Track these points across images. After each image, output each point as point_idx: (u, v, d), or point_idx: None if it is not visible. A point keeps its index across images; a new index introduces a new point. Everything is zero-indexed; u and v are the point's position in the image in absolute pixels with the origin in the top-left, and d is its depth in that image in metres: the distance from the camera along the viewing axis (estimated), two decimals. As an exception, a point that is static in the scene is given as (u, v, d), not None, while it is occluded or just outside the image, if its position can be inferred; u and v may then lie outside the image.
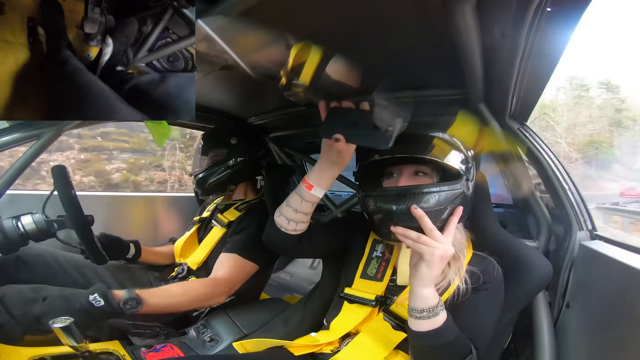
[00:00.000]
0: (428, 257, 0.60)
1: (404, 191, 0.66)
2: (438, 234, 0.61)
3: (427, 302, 0.61)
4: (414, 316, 0.62)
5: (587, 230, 0.90)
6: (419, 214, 0.61)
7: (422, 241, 0.61)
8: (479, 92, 0.75)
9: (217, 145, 1.23)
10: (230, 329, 0.96)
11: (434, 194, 0.65)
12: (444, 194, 0.65)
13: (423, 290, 0.61)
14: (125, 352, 0.80)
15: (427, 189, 0.65)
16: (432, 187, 0.66)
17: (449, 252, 0.62)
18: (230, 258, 1.07)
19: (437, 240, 0.61)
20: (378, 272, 0.78)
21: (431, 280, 0.62)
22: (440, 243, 0.61)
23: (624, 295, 0.65)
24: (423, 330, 0.61)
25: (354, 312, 0.76)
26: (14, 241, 0.90)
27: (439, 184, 0.67)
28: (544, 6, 0.46)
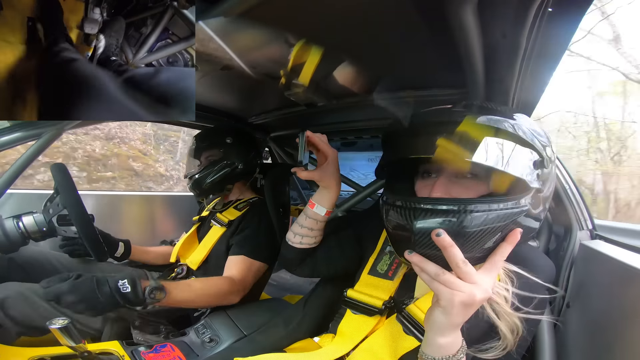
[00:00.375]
0: (445, 302, 0.44)
1: (427, 205, 0.47)
2: (470, 271, 0.44)
3: (441, 351, 0.48)
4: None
5: (587, 230, 0.90)
6: (444, 243, 0.43)
7: (441, 280, 0.44)
8: (480, 92, 0.75)
9: (212, 146, 1.24)
10: (230, 329, 0.96)
11: (479, 213, 0.45)
12: (494, 214, 0.46)
13: (437, 339, 0.48)
14: (124, 353, 0.79)
15: (468, 205, 0.46)
16: (476, 203, 0.46)
17: (480, 298, 0.44)
18: (239, 260, 1.08)
19: (467, 280, 0.44)
20: (389, 270, 0.69)
21: (450, 329, 0.47)
22: (469, 284, 0.44)
23: (624, 295, 0.65)
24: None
25: (360, 320, 0.69)
26: (14, 241, 0.90)
27: (490, 200, 0.47)
28: (545, 6, 0.46)
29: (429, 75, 0.84)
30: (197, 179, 1.21)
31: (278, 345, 0.86)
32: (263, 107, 1.34)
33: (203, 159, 1.25)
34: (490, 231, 0.46)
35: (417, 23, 0.57)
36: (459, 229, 0.45)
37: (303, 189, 2.07)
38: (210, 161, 1.22)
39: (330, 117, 1.29)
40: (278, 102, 1.24)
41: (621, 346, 0.62)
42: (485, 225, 0.46)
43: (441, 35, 0.57)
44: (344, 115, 1.23)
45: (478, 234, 0.46)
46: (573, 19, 0.50)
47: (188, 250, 1.25)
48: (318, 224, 0.77)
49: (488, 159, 0.46)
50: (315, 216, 0.76)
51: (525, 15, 0.47)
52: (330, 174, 0.71)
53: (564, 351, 0.79)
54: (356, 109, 1.13)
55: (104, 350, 0.79)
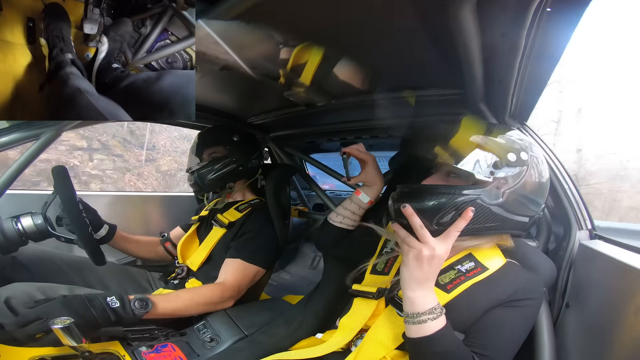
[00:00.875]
0: (404, 256, 0.60)
1: (405, 189, 0.65)
2: (425, 234, 0.59)
3: (414, 306, 0.59)
4: (408, 322, 0.60)
5: (586, 230, 0.90)
6: (408, 212, 0.59)
7: (405, 240, 0.60)
8: (479, 92, 0.75)
9: (217, 142, 1.24)
10: (231, 329, 0.96)
11: (435, 195, 0.61)
12: (448, 197, 0.60)
13: (407, 293, 0.60)
14: (125, 353, 0.79)
15: (426, 188, 0.63)
16: (432, 187, 0.63)
17: (428, 253, 0.58)
18: (235, 263, 1.08)
19: (421, 240, 0.59)
20: (385, 267, 0.79)
21: (411, 281, 0.60)
22: (420, 243, 0.59)
23: (623, 294, 0.65)
24: (412, 337, 0.60)
25: (360, 308, 0.76)
26: (13, 241, 0.90)
27: (441, 186, 0.64)
28: (544, 6, 0.46)
29: (428, 75, 0.84)
30: (200, 174, 1.20)
31: (279, 345, 0.87)
32: (263, 107, 1.34)
33: (206, 156, 1.24)
34: (443, 208, 0.60)
35: (417, 23, 0.57)
36: (419, 205, 0.61)
37: (303, 190, 2.07)
38: (213, 158, 1.22)
39: (330, 117, 1.29)
40: (278, 102, 1.24)
41: (621, 346, 0.62)
42: (438, 203, 0.60)
43: (440, 35, 0.57)
44: (343, 115, 1.23)
45: (433, 209, 0.60)
46: (572, 19, 0.50)
47: (188, 251, 1.25)
48: (360, 210, 0.89)
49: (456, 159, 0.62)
50: (359, 202, 0.89)
51: (524, 15, 0.47)
52: (372, 174, 0.87)
53: (563, 351, 0.79)
54: (356, 109, 1.13)
55: (105, 350, 0.79)
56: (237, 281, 1.06)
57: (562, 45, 0.56)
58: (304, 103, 1.12)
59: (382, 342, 0.68)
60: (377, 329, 0.70)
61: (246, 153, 1.24)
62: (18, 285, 0.88)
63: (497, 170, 0.61)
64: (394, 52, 0.72)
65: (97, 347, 0.79)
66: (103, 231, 1.13)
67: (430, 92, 0.91)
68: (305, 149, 1.86)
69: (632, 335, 0.60)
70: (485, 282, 0.66)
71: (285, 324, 0.94)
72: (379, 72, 0.86)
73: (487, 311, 0.64)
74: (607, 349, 0.66)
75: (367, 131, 1.40)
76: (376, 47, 0.70)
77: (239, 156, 1.22)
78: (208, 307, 1.00)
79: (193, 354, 0.86)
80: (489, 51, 0.59)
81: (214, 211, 1.27)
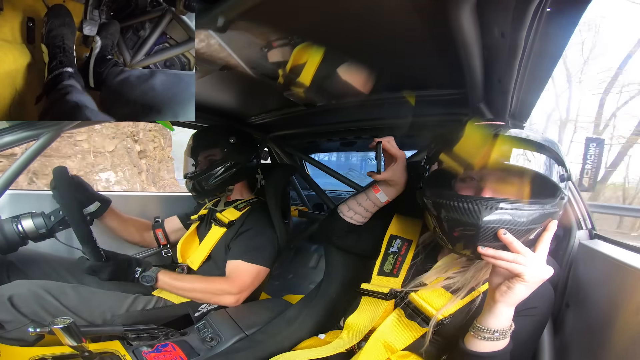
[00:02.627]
0: (529, 277, 0.54)
1: (493, 205, 0.55)
2: (531, 254, 0.55)
3: (504, 323, 0.57)
4: (481, 336, 0.57)
5: (586, 230, 0.90)
6: (509, 240, 0.54)
7: (521, 261, 0.54)
8: (479, 92, 0.75)
9: (214, 145, 1.22)
10: (231, 328, 0.96)
11: (530, 212, 0.56)
12: (539, 213, 0.56)
13: (507, 311, 0.57)
14: (125, 352, 0.79)
15: (525, 207, 0.56)
16: (531, 205, 0.56)
17: (548, 273, 0.55)
18: (237, 264, 1.09)
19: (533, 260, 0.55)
20: (394, 268, 0.78)
21: (515, 302, 0.57)
22: (537, 263, 0.55)
23: (623, 294, 0.65)
24: (483, 352, 0.57)
25: (369, 308, 0.75)
26: (13, 242, 0.90)
27: (538, 202, 0.57)
28: (543, 6, 0.46)
29: (428, 75, 0.84)
30: (199, 181, 1.18)
31: (280, 344, 0.87)
32: (263, 107, 1.34)
33: (202, 159, 1.22)
34: (537, 225, 0.57)
35: (416, 23, 0.57)
36: (515, 225, 0.55)
37: (303, 190, 2.07)
38: (210, 161, 1.20)
39: (330, 117, 1.29)
40: (278, 102, 1.24)
41: (621, 345, 0.62)
42: (534, 222, 0.56)
43: (440, 35, 0.57)
44: (343, 115, 1.23)
45: (526, 228, 0.56)
46: (571, 19, 0.50)
47: (188, 250, 1.25)
48: (374, 208, 0.86)
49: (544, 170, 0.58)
50: (375, 200, 0.85)
51: (524, 15, 0.47)
52: (399, 173, 0.81)
53: (563, 351, 0.79)
54: (356, 109, 1.13)
55: (105, 349, 0.79)
56: (242, 281, 1.06)
57: (561, 45, 0.56)
58: (304, 103, 1.12)
59: (389, 344, 0.68)
60: (384, 330, 0.69)
61: (244, 154, 1.23)
62: (21, 283, 0.89)
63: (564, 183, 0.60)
64: (394, 52, 0.71)
65: (97, 346, 0.79)
66: (92, 207, 1.07)
67: (430, 92, 0.91)
68: (305, 149, 1.86)
69: (632, 335, 0.60)
70: None
71: (285, 323, 0.94)
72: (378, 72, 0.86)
73: None
74: (607, 349, 0.66)
75: (367, 131, 1.40)
76: (376, 47, 0.70)
77: (237, 158, 1.20)
78: (214, 294, 1.04)
79: (193, 354, 0.86)
80: (489, 51, 0.59)
81: (213, 210, 1.26)
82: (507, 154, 0.57)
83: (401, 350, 0.68)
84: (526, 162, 0.57)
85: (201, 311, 1.07)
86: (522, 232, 0.56)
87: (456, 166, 0.63)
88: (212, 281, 1.05)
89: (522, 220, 0.55)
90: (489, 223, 0.55)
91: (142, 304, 1.02)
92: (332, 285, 0.99)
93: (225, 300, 1.04)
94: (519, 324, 0.61)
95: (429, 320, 0.65)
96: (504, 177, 0.62)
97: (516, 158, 0.57)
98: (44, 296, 0.86)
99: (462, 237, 0.59)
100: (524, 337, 0.63)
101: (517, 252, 0.54)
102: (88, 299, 0.94)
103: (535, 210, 0.56)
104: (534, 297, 0.60)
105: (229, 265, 1.09)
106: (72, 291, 0.92)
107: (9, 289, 0.85)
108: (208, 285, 1.03)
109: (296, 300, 1.13)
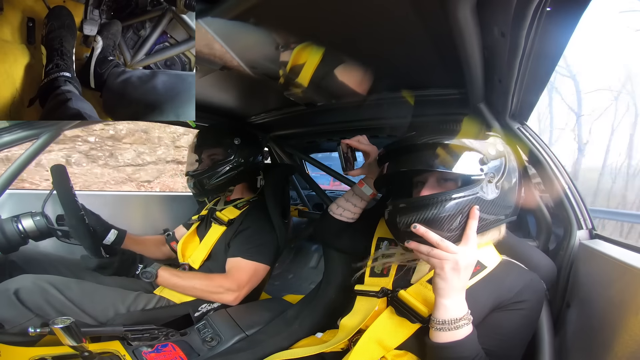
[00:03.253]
0: (439, 270, 0.59)
1: (409, 204, 0.63)
2: (448, 245, 0.58)
3: (448, 313, 0.59)
4: (434, 327, 0.60)
5: (586, 230, 0.90)
6: (421, 231, 0.59)
7: (432, 254, 0.59)
8: (479, 92, 0.75)
9: (218, 144, 1.22)
10: (231, 328, 0.96)
11: (439, 204, 0.61)
12: (452, 203, 0.61)
13: (442, 301, 0.60)
14: (125, 352, 0.79)
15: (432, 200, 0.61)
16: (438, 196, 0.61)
17: (464, 262, 0.58)
18: (236, 262, 1.09)
19: (449, 251, 0.58)
20: (384, 269, 0.79)
21: (450, 291, 0.59)
22: (452, 254, 0.58)
23: (624, 294, 0.65)
24: (441, 342, 0.59)
25: (362, 307, 0.76)
26: (14, 241, 0.90)
27: (443, 193, 0.62)
28: (543, 6, 0.46)
29: (428, 75, 0.84)
30: (201, 179, 1.19)
31: (280, 344, 0.87)
32: (263, 107, 1.34)
33: (205, 157, 1.22)
34: (452, 214, 0.61)
35: (416, 23, 0.57)
36: (427, 218, 0.60)
37: (303, 189, 2.07)
38: (213, 160, 1.21)
39: (330, 117, 1.28)
40: (278, 102, 1.24)
41: (621, 345, 0.62)
42: (445, 211, 0.60)
43: (440, 35, 0.57)
44: (343, 115, 1.23)
45: (443, 219, 0.60)
46: (571, 18, 0.50)
47: (188, 250, 1.25)
48: (361, 202, 0.90)
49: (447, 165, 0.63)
50: (361, 194, 0.89)
51: (524, 15, 0.47)
52: (375, 166, 0.85)
53: (564, 351, 0.79)
54: (356, 109, 1.13)
55: (105, 350, 0.79)
56: (241, 278, 1.06)
57: (562, 45, 0.56)
58: (304, 103, 1.12)
59: (381, 342, 0.68)
60: (376, 328, 0.70)
61: (248, 155, 1.23)
62: (26, 277, 0.90)
63: (485, 166, 0.63)
64: (394, 52, 0.71)
65: (97, 346, 0.79)
66: (112, 236, 1.11)
67: (430, 92, 0.91)
68: (305, 149, 1.86)
69: (632, 335, 0.60)
70: (487, 280, 0.66)
71: (285, 323, 0.94)
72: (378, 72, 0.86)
73: (492, 313, 0.65)
74: (608, 349, 0.66)
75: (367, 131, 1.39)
76: (376, 47, 0.70)
77: (241, 159, 1.20)
78: (213, 291, 1.04)
79: (193, 354, 0.86)
80: (489, 51, 0.59)
81: (213, 209, 1.27)
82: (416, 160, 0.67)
83: (395, 348, 0.68)
84: (429, 164, 0.65)
85: (201, 311, 1.07)
86: (440, 223, 0.60)
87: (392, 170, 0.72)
88: (212, 278, 1.06)
89: (434, 212, 0.60)
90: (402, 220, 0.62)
91: (143, 302, 1.02)
92: (331, 286, 0.99)
93: (224, 297, 1.04)
94: (504, 317, 0.63)
95: (419, 315, 0.66)
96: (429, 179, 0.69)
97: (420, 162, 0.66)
98: (49, 290, 0.88)
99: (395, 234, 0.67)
100: (510, 331, 0.64)
101: (433, 242, 0.59)
102: (91, 294, 0.95)
103: (445, 200, 0.61)
104: (523, 290, 0.64)
105: (229, 263, 1.10)
106: (76, 286, 0.93)
107: (14, 283, 0.86)
108: (208, 282, 1.04)
109: (296, 300, 1.13)
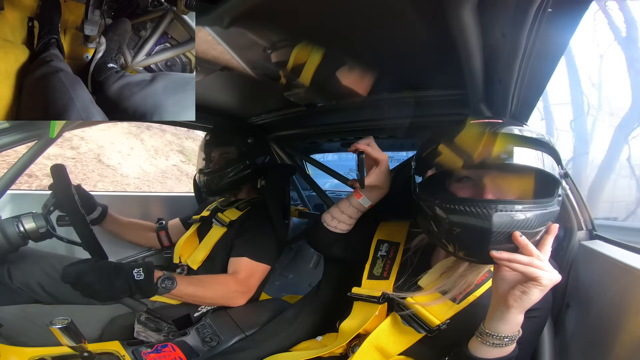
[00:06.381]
0: (546, 281, 0.52)
1: (505, 208, 0.53)
2: (546, 263, 0.53)
3: (514, 328, 0.56)
4: (489, 342, 0.55)
5: (586, 230, 0.90)
6: (524, 242, 0.52)
7: (536, 265, 0.51)
8: (480, 92, 0.75)
9: (230, 143, 1.22)
10: (231, 329, 0.96)
11: (539, 212, 0.54)
12: (545, 213, 0.55)
13: (519, 317, 0.55)
14: (125, 353, 0.79)
15: (534, 208, 0.54)
16: (538, 205, 0.54)
17: (558, 277, 0.53)
18: (241, 261, 1.08)
19: (544, 269, 0.52)
20: (384, 271, 0.77)
21: (526, 307, 0.54)
22: (548, 272, 0.52)
23: (624, 294, 0.65)
24: (489, 358, 0.56)
25: (362, 312, 0.74)
26: (14, 242, 0.90)
27: (543, 202, 0.55)
28: (544, 7, 0.46)
29: (428, 76, 0.84)
30: (213, 177, 1.19)
31: (279, 345, 0.87)
32: (263, 107, 1.34)
33: (216, 155, 1.22)
34: (543, 228, 0.55)
35: (417, 23, 0.57)
36: (527, 227, 0.53)
37: (303, 190, 2.07)
38: (226, 159, 1.21)
39: (330, 118, 1.29)
40: (278, 102, 1.24)
41: (621, 346, 0.62)
42: (542, 223, 0.55)
43: (441, 36, 0.57)
44: (343, 115, 1.23)
45: (536, 230, 0.54)
46: (572, 19, 0.50)
47: (188, 250, 1.25)
48: (357, 213, 0.83)
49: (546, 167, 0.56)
50: (358, 206, 0.82)
51: (525, 16, 0.47)
52: (383, 177, 0.77)
53: (564, 351, 0.79)
54: (356, 110, 1.13)
55: (105, 350, 0.79)
56: (247, 278, 1.06)
57: (562, 46, 0.56)
58: (305, 103, 1.12)
59: (383, 349, 0.67)
60: (378, 335, 0.68)
61: (261, 155, 1.24)
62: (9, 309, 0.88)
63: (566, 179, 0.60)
64: (394, 52, 0.72)
65: (97, 347, 0.79)
66: (95, 214, 1.15)
67: (430, 93, 0.91)
68: (306, 150, 1.86)
69: (632, 335, 0.60)
70: None
71: (285, 324, 0.94)
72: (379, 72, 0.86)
73: None
74: (608, 349, 0.66)
75: (367, 132, 1.39)
76: (377, 48, 0.70)
77: (252, 159, 1.21)
78: (224, 297, 1.02)
79: (193, 354, 0.86)
80: (490, 51, 0.59)
81: (216, 210, 1.27)
82: (509, 151, 0.55)
83: (397, 355, 0.67)
84: (529, 160, 0.55)
85: (201, 311, 1.07)
86: (532, 234, 0.54)
87: (455, 166, 0.59)
88: (224, 283, 1.03)
89: (533, 221, 0.53)
90: (501, 226, 0.52)
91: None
92: (331, 287, 0.99)
93: (237, 301, 1.04)
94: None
95: (426, 325, 0.64)
96: (504, 176, 0.59)
97: (519, 156, 0.55)
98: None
99: (470, 242, 0.56)
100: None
101: (532, 255, 0.52)
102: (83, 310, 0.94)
103: (542, 210, 0.54)
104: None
105: (234, 263, 1.09)
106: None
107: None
108: (224, 289, 1.01)
109: (296, 300, 1.13)
